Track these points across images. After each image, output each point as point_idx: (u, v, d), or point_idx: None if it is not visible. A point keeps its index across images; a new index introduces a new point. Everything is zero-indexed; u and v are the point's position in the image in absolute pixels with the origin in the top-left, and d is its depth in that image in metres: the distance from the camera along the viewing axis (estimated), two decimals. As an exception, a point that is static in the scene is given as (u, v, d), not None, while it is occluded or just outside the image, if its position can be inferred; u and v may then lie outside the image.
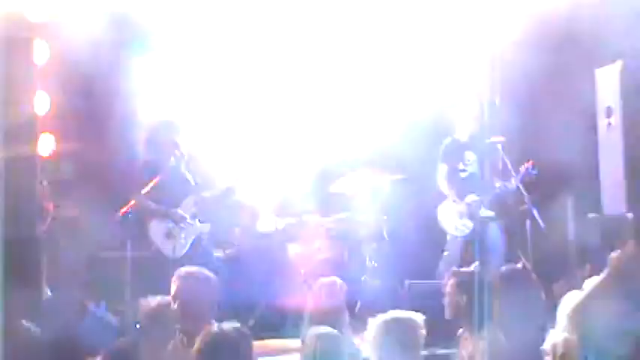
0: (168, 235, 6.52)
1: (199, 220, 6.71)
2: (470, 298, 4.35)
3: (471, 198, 7.57)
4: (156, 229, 6.55)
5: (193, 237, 6.64)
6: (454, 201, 7.67)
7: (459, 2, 8.60)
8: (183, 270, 4.38)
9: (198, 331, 3.52)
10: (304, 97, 9.32)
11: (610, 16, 7.44)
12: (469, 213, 7.54)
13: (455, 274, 4.85)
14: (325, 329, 4.09)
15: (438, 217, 7.75)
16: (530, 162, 7.28)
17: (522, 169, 7.28)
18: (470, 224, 7.55)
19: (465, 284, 4.46)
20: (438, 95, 8.74)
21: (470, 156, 7.75)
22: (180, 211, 6.59)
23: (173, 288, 4.23)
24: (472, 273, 4.68)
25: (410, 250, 8.30)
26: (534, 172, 7.20)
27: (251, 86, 9.30)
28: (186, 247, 6.58)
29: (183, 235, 6.57)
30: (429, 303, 5.75)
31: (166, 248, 6.49)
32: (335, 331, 4.21)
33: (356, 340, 5.22)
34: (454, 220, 7.63)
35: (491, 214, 7.57)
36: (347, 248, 7.82)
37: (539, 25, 8.08)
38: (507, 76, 8.61)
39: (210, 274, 4.34)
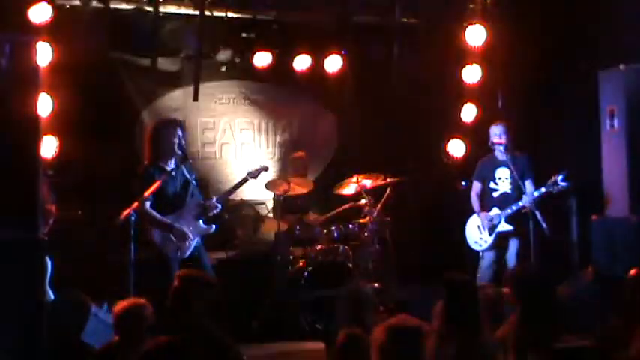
0: (169, 238, 6.44)
1: (203, 222, 6.63)
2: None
3: (494, 212, 7.46)
4: (158, 233, 6.47)
5: (197, 240, 6.59)
6: (478, 215, 7.59)
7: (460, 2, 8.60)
8: (183, 271, 4.68)
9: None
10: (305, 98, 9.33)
11: (613, 17, 7.45)
12: (489, 227, 7.48)
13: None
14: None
15: (466, 232, 7.68)
16: (561, 173, 6.97)
17: (552, 180, 7.04)
18: (488, 238, 7.50)
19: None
20: (439, 97, 8.77)
21: (502, 173, 7.55)
22: (183, 228, 6.48)
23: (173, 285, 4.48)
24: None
25: (412, 252, 8.30)
26: (564, 183, 6.96)
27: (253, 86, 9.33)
28: (191, 249, 6.53)
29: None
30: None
31: (170, 249, 6.44)
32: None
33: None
34: (474, 235, 7.59)
35: (509, 228, 7.41)
36: (349, 250, 7.80)
37: (542, 27, 8.08)
38: (509, 78, 8.61)
39: (210, 278, 4.62)
